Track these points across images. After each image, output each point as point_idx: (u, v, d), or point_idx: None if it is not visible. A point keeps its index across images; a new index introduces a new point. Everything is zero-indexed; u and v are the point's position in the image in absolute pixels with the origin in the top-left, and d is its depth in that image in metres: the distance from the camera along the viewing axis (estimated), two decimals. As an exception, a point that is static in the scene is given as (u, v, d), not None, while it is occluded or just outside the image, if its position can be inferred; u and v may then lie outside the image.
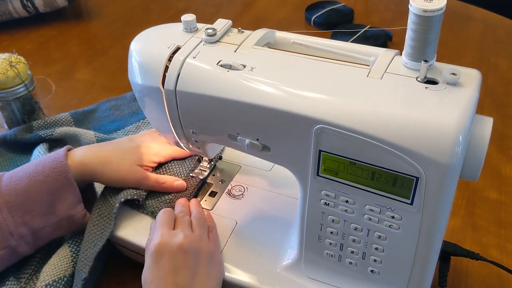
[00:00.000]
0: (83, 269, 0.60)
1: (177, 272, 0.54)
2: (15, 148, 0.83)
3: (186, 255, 0.55)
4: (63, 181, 0.61)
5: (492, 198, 0.76)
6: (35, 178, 0.61)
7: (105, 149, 0.67)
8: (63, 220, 0.62)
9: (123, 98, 0.95)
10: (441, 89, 0.44)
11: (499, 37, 1.16)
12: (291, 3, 1.34)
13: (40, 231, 0.61)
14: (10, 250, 0.60)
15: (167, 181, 0.67)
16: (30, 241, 0.61)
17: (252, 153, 0.54)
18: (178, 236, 0.56)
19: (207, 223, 0.62)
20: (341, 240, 0.53)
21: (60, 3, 1.24)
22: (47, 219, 0.61)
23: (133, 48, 0.57)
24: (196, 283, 0.54)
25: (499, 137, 0.86)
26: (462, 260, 0.64)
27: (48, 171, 0.61)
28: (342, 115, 0.45)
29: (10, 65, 0.81)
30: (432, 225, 0.46)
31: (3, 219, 0.59)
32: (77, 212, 0.62)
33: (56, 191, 0.61)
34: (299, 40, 0.55)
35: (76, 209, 0.62)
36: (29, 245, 0.61)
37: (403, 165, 0.44)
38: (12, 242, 0.59)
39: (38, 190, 0.60)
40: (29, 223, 0.60)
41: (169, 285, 0.53)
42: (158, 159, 0.69)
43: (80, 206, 0.63)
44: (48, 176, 0.61)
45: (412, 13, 0.44)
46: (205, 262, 0.56)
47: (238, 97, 0.50)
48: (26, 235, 0.60)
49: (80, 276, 0.60)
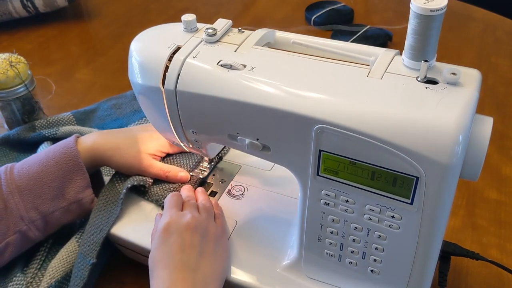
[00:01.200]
0: (90, 253, 0.61)
1: (184, 250, 0.54)
2: (18, 148, 0.83)
3: (193, 234, 0.56)
4: (73, 165, 0.63)
5: (492, 198, 0.76)
6: (46, 163, 0.63)
7: (116, 136, 0.69)
8: (72, 204, 0.63)
9: (123, 97, 0.95)
10: (441, 89, 0.44)
11: (499, 37, 1.16)
12: (291, 3, 1.34)
13: (50, 215, 0.62)
14: (21, 234, 0.61)
15: (172, 171, 0.69)
16: (41, 226, 0.62)
17: (252, 153, 0.54)
18: (186, 216, 0.58)
19: (214, 210, 0.63)
20: (341, 240, 0.53)
21: (60, 3, 1.24)
22: (57, 203, 0.63)
23: (133, 48, 0.57)
24: (202, 263, 0.55)
25: (499, 137, 0.86)
26: (462, 260, 0.64)
27: (58, 157, 0.63)
28: (342, 115, 0.45)
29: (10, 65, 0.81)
30: (432, 225, 0.46)
31: (14, 204, 0.61)
32: (85, 196, 0.64)
33: (66, 175, 0.63)
34: (299, 40, 0.55)
35: (84, 193, 0.64)
36: (39, 230, 0.62)
37: (403, 165, 0.44)
38: (22, 226, 0.61)
39: (49, 175, 0.62)
40: (39, 207, 0.62)
41: (176, 263, 0.53)
42: (166, 149, 0.71)
43: (88, 190, 0.64)
44: (59, 161, 0.63)
45: (413, 12, 0.44)
46: (211, 243, 0.57)
47: (238, 97, 0.50)
48: (36, 220, 0.62)
49: (87, 261, 0.60)
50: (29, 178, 0.62)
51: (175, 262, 0.53)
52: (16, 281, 0.61)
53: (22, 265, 0.63)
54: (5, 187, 0.62)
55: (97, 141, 0.67)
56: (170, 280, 0.52)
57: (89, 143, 0.66)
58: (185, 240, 0.55)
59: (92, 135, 0.68)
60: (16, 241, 0.61)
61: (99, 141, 0.67)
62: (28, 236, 0.62)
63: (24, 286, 0.61)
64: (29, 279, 0.62)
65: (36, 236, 0.63)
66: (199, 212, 0.60)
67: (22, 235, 0.61)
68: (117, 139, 0.68)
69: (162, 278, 0.52)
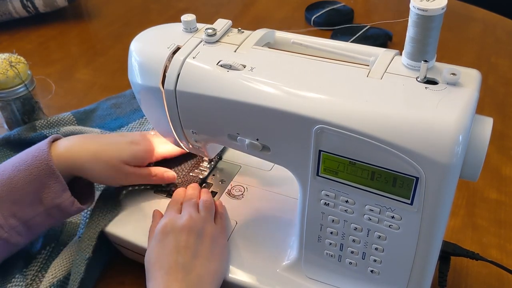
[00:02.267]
0: (86, 248, 0.61)
1: (179, 251, 0.55)
2: (19, 148, 0.83)
3: (189, 235, 0.56)
4: (45, 169, 0.59)
5: (492, 198, 0.76)
6: (18, 168, 0.59)
7: (94, 142, 0.64)
8: (52, 209, 0.60)
9: (122, 96, 0.95)
10: (441, 89, 0.44)
11: (499, 37, 1.16)
12: (291, 3, 1.34)
13: (30, 221, 0.60)
14: (3, 241, 0.59)
15: (158, 173, 0.67)
16: (23, 231, 0.60)
17: (252, 153, 0.54)
18: (183, 217, 0.58)
19: (218, 210, 0.63)
20: (341, 240, 0.53)
21: (60, 3, 1.24)
22: (35, 209, 0.59)
23: (133, 48, 0.57)
24: (197, 263, 0.55)
25: (499, 137, 0.86)
26: (462, 260, 0.64)
27: (30, 160, 0.60)
28: (342, 115, 0.45)
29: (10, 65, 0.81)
30: (432, 225, 0.46)
31: None
32: (63, 200, 0.60)
33: (39, 179, 0.59)
34: (299, 40, 0.55)
35: (62, 197, 0.60)
36: (22, 235, 0.60)
37: (403, 165, 0.44)
38: (3, 234, 0.58)
39: (21, 180, 0.59)
40: (18, 214, 0.59)
41: (171, 264, 0.54)
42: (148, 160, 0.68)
43: (66, 194, 0.60)
44: (30, 165, 0.59)
45: (412, 12, 0.44)
46: (207, 243, 0.57)
47: (238, 97, 0.50)
48: (16, 226, 0.59)
49: (83, 256, 0.60)
50: (2, 185, 0.59)
51: (170, 263, 0.54)
52: (15, 282, 0.61)
53: (21, 267, 0.63)
54: None
55: (73, 148, 0.62)
56: (165, 281, 0.52)
57: (63, 149, 0.62)
58: (180, 241, 0.56)
59: (67, 141, 0.63)
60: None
61: (76, 148, 0.62)
62: (11, 242, 0.59)
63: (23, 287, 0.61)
64: (28, 281, 0.62)
65: (20, 241, 0.60)
66: (199, 211, 0.60)
67: (4, 242, 0.59)
68: (96, 146, 0.63)
69: (157, 279, 0.53)
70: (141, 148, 0.66)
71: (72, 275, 0.60)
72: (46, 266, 0.64)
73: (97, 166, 0.62)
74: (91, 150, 0.62)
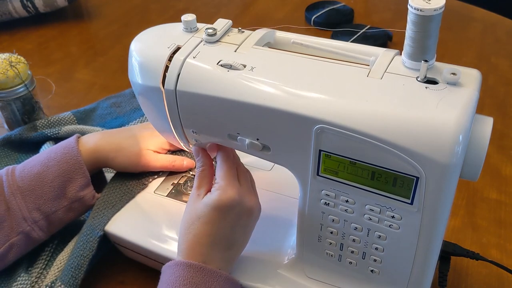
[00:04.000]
0: (98, 226, 0.62)
1: (233, 228, 0.54)
2: (19, 148, 0.83)
3: (249, 217, 0.55)
4: (73, 164, 0.63)
5: (492, 198, 0.76)
6: (48, 164, 0.63)
7: (118, 136, 0.70)
8: (74, 203, 0.64)
9: (122, 95, 0.95)
10: (441, 89, 0.44)
11: (499, 37, 1.16)
12: (291, 3, 1.34)
13: (52, 215, 0.63)
14: (24, 235, 0.61)
15: (177, 159, 0.70)
16: (44, 226, 0.63)
17: (252, 153, 0.54)
18: (250, 197, 0.55)
19: None
20: (341, 240, 0.53)
21: (60, 3, 1.24)
22: (58, 202, 0.63)
23: (133, 48, 0.57)
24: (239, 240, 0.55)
25: (499, 137, 0.86)
26: (462, 260, 0.64)
27: (60, 156, 0.64)
28: (342, 115, 0.45)
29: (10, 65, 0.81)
30: (432, 225, 0.46)
31: (16, 205, 0.61)
32: (86, 193, 0.64)
33: (66, 174, 0.63)
34: (299, 40, 0.55)
35: (85, 191, 0.64)
36: (43, 230, 0.63)
37: (403, 165, 0.44)
38: (25, 227, 0.61)
39: (50, 174, 0.63)
40: (42, 207, 0.62)
41: (220, 237, 0.53)
42: (167, 146, 0.72)
43: (89, 188, 0.65)
44: (60, 161, 0.63)
45: (411, 13, 0.44)
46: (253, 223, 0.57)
47: (238, 97, 0.50)
48: (39, 220, 0.62)
49: (95, 233, 0.62)
50: (31, 179, 0.62)
51: (219, 237, 0.53)
52: (20, 281, 0.61)
53: (26, 265, 0.64)
54: (7, 189, 0.62)
55: (99, 142, 0.67)
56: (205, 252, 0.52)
57: (91, 144, 0.67)
58: (239, 221, 0.54)
59: (94, 136, 0.69)
60: (20, 242, 0.61)
61: (101, 142, 0.67)
62: (31, 237, 0.62)
63: (29, 285, 0.61)
64: (33, 279, 0.62)
65: (40, 236, 0.63)
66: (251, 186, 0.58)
67: (26, 236, 0.62)
68: (119, 139, 0.69)
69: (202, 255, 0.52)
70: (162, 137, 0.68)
71: (80, 249, 0.61)
72: (51, 263, 0.64)
73: (120, 155, 0.67)
74: (115, 142, 0.68)
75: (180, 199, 0.68)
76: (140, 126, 0.74)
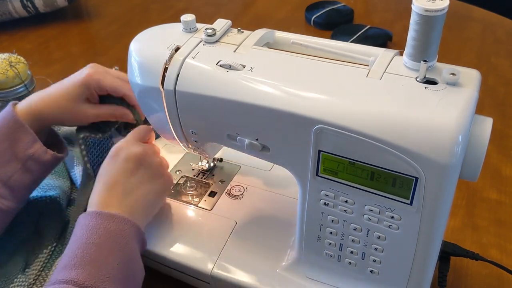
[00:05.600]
0: None
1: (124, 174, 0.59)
2: None
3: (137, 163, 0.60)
4: (12, 125, 0.63)
5: (492, 198, 0.76)
6: None
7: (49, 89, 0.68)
8: (27, 162, 0.63)
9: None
10: (441, 89, 0.44)
11: (499, 37, 1.16)
12: (291, 3, 1.34)
13: (10, 180, 0.62)
14: None
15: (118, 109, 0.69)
16: (6, 194, 0.62)
17: (252, 153, 0.54)
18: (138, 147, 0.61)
19: None
20: (340, 240, 0.53)
21: (60, 3, 1.24)
22: (11, 166, 0.62)
23: (132, 48, 0.57)
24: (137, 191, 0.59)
25: (499, 137, 0.86)
26: (462, 260, 0.64)
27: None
28: (342, 115, 0.45)
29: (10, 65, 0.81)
30: (431, 225, 0.46)
31: None
32: (36, 149, 0.63)
33: (9, 135, 0.62)
34: (299, 40, 0.55)
35: (34, 147, 0.63)
36: (7, 199, 0.62)
37: (402, 165, 0.44)
38: None
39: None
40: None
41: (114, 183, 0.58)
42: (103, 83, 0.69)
43: (37, 144, 0.63)
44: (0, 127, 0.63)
45: (414, 12, 0.44)
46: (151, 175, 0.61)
47: (238, 97, 0.50)
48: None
49: None
50: None
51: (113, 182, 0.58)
52: (17, 283, 0.61)
53: (23, 267, 0.63)
54: None
55: (31, 98, 0.66)
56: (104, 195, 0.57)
57: (25, 103, 0.66)
58: (127, 167, 0.59)
59: (29, 97, 0.67)
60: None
61: (33, 97, 0.66)
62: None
63: (26, 287, 0.61)
64: (31, 280, 0.62)
65: (7, 205, 0.62)
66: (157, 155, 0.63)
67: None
68: (50, 90, 0.68)
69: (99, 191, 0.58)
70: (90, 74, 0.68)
71: None
72: (50, 264, 0.64)
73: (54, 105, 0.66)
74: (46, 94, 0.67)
75: (180, 199, 0.68)
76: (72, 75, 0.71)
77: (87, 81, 0.67)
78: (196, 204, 0.67)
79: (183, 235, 0.63)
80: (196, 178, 0.71)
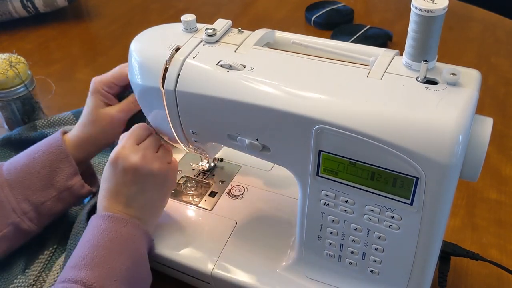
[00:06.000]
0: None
1: (125, 184, 0.57)
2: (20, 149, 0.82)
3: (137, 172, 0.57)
4: (58, 153, 0.64)
5: (492, 198, 0.76)
6: (33, 156, 0.64)
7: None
8: (63, 193, 0.64)
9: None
10: (441, 89, 0.44)
11: (499, 37, 1.16)
12: (291, 3, 1.34)
13: (41, 205, 0.63)
14: (14, 227, 0.61)
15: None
16: (34, 217, 0.63)
17: (252, 153, 0.54)
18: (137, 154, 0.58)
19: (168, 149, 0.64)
20: (341, 240, 0.53)
21: (60, 3, 1.24)
22: (47, 193, 0.63)
23: (133, 48, 0.57)
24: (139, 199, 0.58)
25: (499, 137, 0.86)
26: (462, 260, 0.64)
27: (45, 148, 0.65)
28: (342, 115, 0.45)
29: (10, 65, 0.81)
30: (432, 225, 0.46)
31: (4, 197, 0.61)
32: (75, 183, 0.65)
33: (53, 164, 0.64)
34: (299, 40, 0.55)
35: (73, 180, 0.64)
36: (33, 222, 0.63)
37: (403, 165, 0.44)
38: (15, 218, 0.61)
39: (37, 165, 0.63)
40: (30, 198, 0.62)
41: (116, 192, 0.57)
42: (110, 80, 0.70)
43: (77, 177, 0.65)
44: (45, 152, 0.64)
45: (414, 13, 0.44)
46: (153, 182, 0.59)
47: (238, 97, 0.50)
48: (28, 211, 0.62)
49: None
50: (18, 171, 0.63)
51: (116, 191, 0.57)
52: (17, 283, 0.61)
53: (23, 268, 0.63)
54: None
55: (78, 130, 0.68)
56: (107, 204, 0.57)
57: (72, 136, 0.67)
58: (127, 176, 0.57)
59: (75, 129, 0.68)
60: (9, 234, 0.61)
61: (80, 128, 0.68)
62: (21, 228, 0.62)
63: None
64: (31, 281, 0.62)
65: (30, 227, 0.63)
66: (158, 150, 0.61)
67: (15, 228, 0.61)
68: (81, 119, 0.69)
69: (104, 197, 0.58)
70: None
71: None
72: (50, 265, 0.64)
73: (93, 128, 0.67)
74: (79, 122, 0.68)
75: (180, 199, 0.68)
76: None
77: (94, 87, 0.69)
78: (196, 204, 0.67)
79: (183, 235, 0.63)
80: (196, 178, 0.71)
